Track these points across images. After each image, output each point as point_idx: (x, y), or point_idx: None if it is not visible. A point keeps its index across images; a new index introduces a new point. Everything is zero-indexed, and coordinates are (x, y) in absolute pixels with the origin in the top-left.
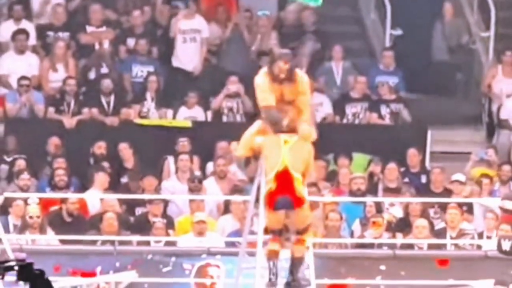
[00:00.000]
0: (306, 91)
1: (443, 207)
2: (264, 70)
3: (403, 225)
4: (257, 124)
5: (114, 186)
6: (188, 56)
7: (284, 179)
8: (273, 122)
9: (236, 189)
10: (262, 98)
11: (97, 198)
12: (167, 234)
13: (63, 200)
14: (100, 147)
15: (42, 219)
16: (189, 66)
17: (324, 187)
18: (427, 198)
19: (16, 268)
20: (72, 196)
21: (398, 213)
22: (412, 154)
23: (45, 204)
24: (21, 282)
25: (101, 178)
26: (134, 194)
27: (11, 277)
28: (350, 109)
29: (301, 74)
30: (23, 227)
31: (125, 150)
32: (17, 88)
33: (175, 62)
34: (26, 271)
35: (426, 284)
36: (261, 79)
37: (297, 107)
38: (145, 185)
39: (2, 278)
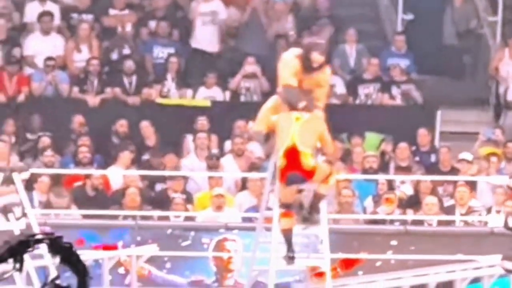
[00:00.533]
0: (326, 84)
1: (452, 185)
2: (295, 52)
3: (413, 202)
4: (273, 100)
5: (136, 163)
6: (207, 38)
7: (292, 155)
8: (291, 102)
9: (253, 167)
10: (285, 76)
11: (119, 174)
12: (186, 210)
13: (87, 176)
14: (122, 125)
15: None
16: (208, 48)
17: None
18: (437, 176)
19: (46, 241)
20: (95, 172)
21: (409, 190)
22: (422, 134)
23: (69, 180)
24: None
25: (125, 156)
26: (155, 170)
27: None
28: (362, 90)
29: (327, 68)
30: (47, 203)
31: (147, 128)
32: (43, 68)
33: (195, 44)
34: (56, 244)
35: (435, 259)
36: (291, 60)
37: (314, 98)
38: (166, 162)
39: (33, 251)
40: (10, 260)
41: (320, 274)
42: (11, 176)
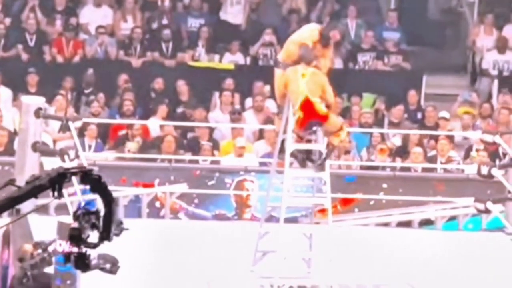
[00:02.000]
0: (328, 56)
1: (435, 138)
2: (318, 27)
3: (401, 152)
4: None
5: (171, 114)
6: (233, 12)
7: (307, 107)
8: (305, 60)
9: (269, 120)
10: (305, 37)
11: (157, 124)
12: (213, 155)
13: (129, 126)
14: (158, 83)
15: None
16: (233, 20)
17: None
18: (421, 130)
19: (80, 173)
20: (137, 122)
21: (398, 142)
22: (412, 95)
23: (115, 129)
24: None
25: (162, 109)
26: (187, 121)
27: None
28: (361, 58)
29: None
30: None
31: (182, 86)
32: (95, 34)
33: (223, 16)
34: (87, 176)
35: (419, 199)
36: (312, 29)
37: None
38: (196, 114)
39: (69, 181)
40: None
41: (323, 211)
42: (67, 124)
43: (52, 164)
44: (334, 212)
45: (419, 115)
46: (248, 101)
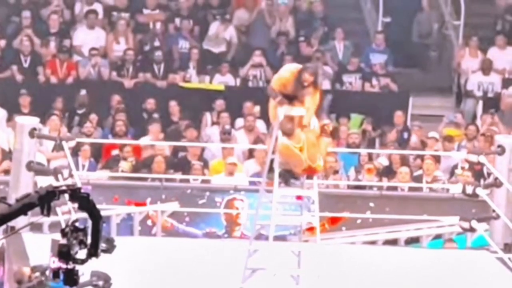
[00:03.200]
0: (310, 106)
1: (421, 157)
2: (293, 67)
3: (388, 172)
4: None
5: (163, 134)
6: (221, 36)
7: (310, 171)
8: (271, 97)
9: (259, 140)
10: (275, 79)
11: (148, 143)
12: (203, 174)
13: (121, 146)
14: (150, 103)
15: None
16: (223, 43)
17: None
18: (407, 151)
19: (68, 192)
20: (129, 142)
21: (384, 162)
22: (398, 116)
23: (107, 148)
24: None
25: (154, 128)
26: (180, 141)
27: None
28: (347, 79)
29: (317, 93)
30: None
31: (174, 107)
32: (88, 56)
33: (209, 42)
34: (75, 194)
35: (405, 218)
36: (287, 71)
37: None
38: (187, 134)
39: (58, 199)
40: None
41: (311, 229)
42: (61, 144)
43: (46, 183)
44: (322, 230)
45: (406, 135)
46: (239, 121)
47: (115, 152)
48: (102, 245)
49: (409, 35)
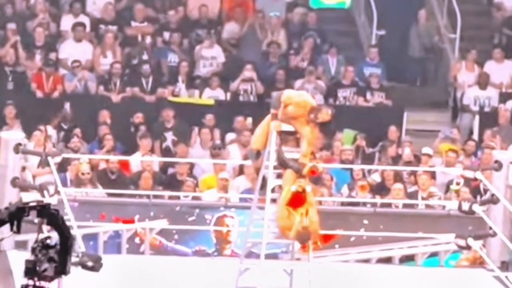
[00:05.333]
0: (312, 140)
1: (414, 173)
2: (309, 99)
3: (381, 188)
4: (266, 119)
5: (153, 150)
6: (211, 50)
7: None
8: (273, 106)
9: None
10: (286, 96)
11: (138, 160)
12: (195, 191)
13: (109, 161)
14: (138, 117)
15: (92, 176)
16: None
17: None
18: (400, 166)
19: (38, 208)
20: (117, 158)
21: (377, 178)
22: (393, 131)
23: (95, 164)
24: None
25: (144, 143)
26: (171, 157)
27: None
28: (341, 93)
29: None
30: (77, 182)
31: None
32: (71, 69)
33: (201, 52)
34: (44, 210)
35: (400, 235)
36: (301, 98)
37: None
38: (177, 150)
39: (28, 216)
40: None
41: (304, 247)
42: (47, 160)
43: (32, 199)
44: (314, 248)
45: (400, 151)
46: (229, 136)
47: (102, 167)
48: (89, 263)
49: (404, 49)
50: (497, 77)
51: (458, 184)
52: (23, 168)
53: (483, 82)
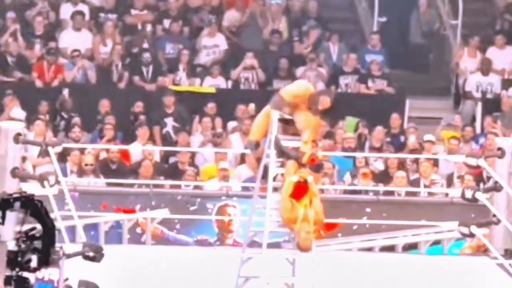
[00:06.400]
0: (316, 126)
1: (417, 161)
2: (309, 86)
3: (384, 176)
4: (266, 109)
5: (153, 138)
6: (212, 38)
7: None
8: (276, 107)
9: None
10: (288, 91)
11: (139, 149)
12: (196, 180)
13: (109, 151)
14: (138, 107)
15: (95, 166)
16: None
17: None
18: (402, 154)
19: (22, 199)
20: (118, 147)
21: (380, 166)
22: (395, 118)
23: (96, 154)
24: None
25: (141, 132)
26: (171, 146)
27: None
28: (343, 81)
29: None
30: (80, 172)
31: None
32: (71, 58)
33: (203, 41)
34: (27, 202)
35: (403, 224)
36: (301, 89)
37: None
38: (178, 139)
39: (13, 207)
40: None
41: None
42: (47, 150)
43: (32, 189)
44: (317, 237)
45: (402, 139)
46: (231, 124)
47: (103, 157)
48: (90, 253)
49: (406, 35)
50: (499, 63)
51: (461, 177)
52: (23, 158)
53: (485, 68)
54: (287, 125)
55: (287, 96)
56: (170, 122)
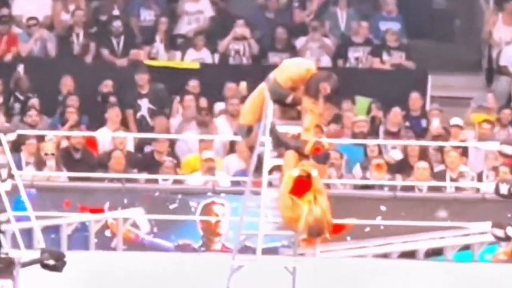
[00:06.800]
0: (316, 112)
1: (441, 149)
2: (310, 65)
3: (402, 167)
4: (259, 89)
5: (125, 123)
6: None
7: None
8: (275, 96)
9: None
10: (285, 75)
11: (108, 136)
12: (176, 173)
13: (72, 138)
14: (107, 86)
15: (56, 157)
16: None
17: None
18: (424, 141)
19: None
20: (83, 134)
21: (398, 155)
22: (415, 98)
23: (58, 141)
24: None
25: (113, 115)
26: (145, 131)
27: None
28: (352, 54)
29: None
30: (37, 164)
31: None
32: (25, 27)
33: (184, 6)
34: None
35: (425, 225)
36: (301, 71)
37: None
38: (155, 123)
39: None
40: None
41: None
42: None
43: None
44: (322, 240)
45: (424, 123)
46: (218, 106)
47: (64, 145)
48: (50, 261)
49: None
50: None
51: (495, 169)
52: None
53: None
54: (285, 107)
55: (284, 81)
56: (145, 104)
